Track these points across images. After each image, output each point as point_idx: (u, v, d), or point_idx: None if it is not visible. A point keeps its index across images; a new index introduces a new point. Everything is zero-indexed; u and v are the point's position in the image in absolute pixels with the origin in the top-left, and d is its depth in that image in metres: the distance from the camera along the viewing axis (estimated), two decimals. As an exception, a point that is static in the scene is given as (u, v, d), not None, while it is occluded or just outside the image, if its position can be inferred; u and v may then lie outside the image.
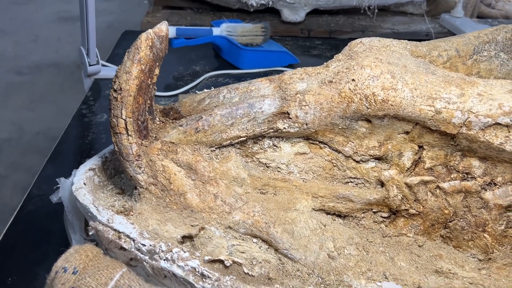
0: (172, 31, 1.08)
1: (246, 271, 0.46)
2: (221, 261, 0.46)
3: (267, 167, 0.56)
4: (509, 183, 0.50)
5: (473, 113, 0.46)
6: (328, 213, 0.55)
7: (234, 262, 0.46)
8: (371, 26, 1.43)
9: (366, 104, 0.49)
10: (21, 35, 2.53)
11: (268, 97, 0.53)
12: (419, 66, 0.50)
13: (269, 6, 1.42)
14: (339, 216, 0.55)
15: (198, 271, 0.44)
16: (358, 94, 0.49)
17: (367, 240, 0.54)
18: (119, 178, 0.58)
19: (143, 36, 0.49)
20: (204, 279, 0.44)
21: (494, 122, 0.46)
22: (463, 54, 0.58)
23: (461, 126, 0.47)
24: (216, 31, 1.13)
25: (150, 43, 0.50)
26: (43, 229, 0.63)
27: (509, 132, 0.46)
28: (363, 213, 0.55)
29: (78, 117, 0.91)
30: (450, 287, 0.46)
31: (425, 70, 0.49)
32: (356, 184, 0.55)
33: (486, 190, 0.50)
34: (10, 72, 2.23)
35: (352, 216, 0.55)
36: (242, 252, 0.49)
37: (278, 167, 0.56)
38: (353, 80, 0.50)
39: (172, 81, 1.07)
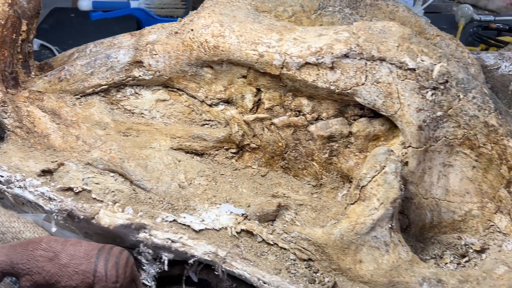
0: (88, 4, 1.13)
1: (94, 196, 0.53)
2: (71, 189, 0.53)
3: (132, 113, 0.63)
4: (332, 117, 0.58)
5: (288, 54, 0.54)
6: (187, 152, 0.62)
7: (83, 189, 0.53)
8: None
9: (203, 51, 0.56)
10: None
11: (123, 48, 0.60)
12: (248, 16, 0.57)
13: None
14: (197, 154, 0.62)
15: (47, 196, 0.51)
16: (196, 42, 0.56)
17: (219, 173, 0.61)
18: None
19: (0, -7, 0.55)
20: (51, 202, 0.50)
21: (304, 62, 0.53)
22: (308, 9, 0.65)
23: (281, 67, 0.55)
24: (134, 4, 1.18)
25: (10, 1, 0.56)
26: None
27: (319, 70, 0.54)
28: (216, 150, 0.62)
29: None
30: (270, 203, 0.54)
31: (253, 19, 0.57)
32: (211, 126, 0.62)
33: (312, 124, 0.58)
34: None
35: (207, 154, 0.62)
36: (96, 183, 0.56)
37: (141, 113, 0.62)
38: (192, 30, 0.57)
39: (90, 52, 1.11)
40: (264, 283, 0.46)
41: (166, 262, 0.47)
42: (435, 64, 0.50)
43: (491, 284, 0.48)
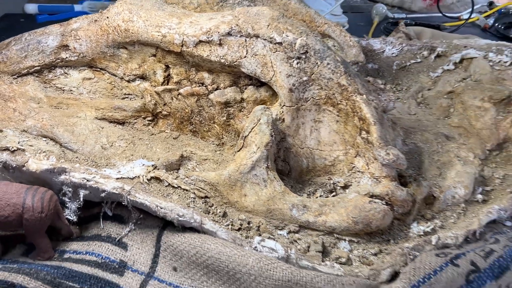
0: (34, 8, 1.23)
1: (28, 154, 0.64)
2: (8, 149, 0.64)
3: (63, 90, 0.74)
4: (228, 87, 0.71)
5: (185, 35, 0.67)
6: (110, 122, 0.74)
7: (18, 148, 0.64)
8: None
9: (117, 34, 0.69)
10: None
11: (52, 34, 0.71)
12: (154, 5, 0.70)
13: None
14: (119, 123, 0.74)
15: (-14, 153, 0.62)
16: (111, 26, 0.69)
17: (138, 138, 0.73)
18: None
19: None
20: (-11, 157, 0.61)
21: (198, 40, 0.66)
22: (211, 1, 0.79)
23: (181, 46, 0.67)
24: (78, 7, 1.29)
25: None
26: None
27: (211, 47, 0.67)
28: (135, 119, 0.74)
29: None
30: (174, 154, 0.66)
31: (158, 8, 0.69)
32: (130, 99, 0.74)
33: (212, 93, 0.71)
34: None
35: (128, 122, 0.74)
36: (30, 145, 0.67)
37: (70, 90, 0.74)
38: (107, 17, 0.69)
39: (37, 51, 1.22)
40: (161, 208, 0.58)
41: (81, 196, 0.59)
42: (297, 38, 0.64)
43: (343, 205, 0.61)
